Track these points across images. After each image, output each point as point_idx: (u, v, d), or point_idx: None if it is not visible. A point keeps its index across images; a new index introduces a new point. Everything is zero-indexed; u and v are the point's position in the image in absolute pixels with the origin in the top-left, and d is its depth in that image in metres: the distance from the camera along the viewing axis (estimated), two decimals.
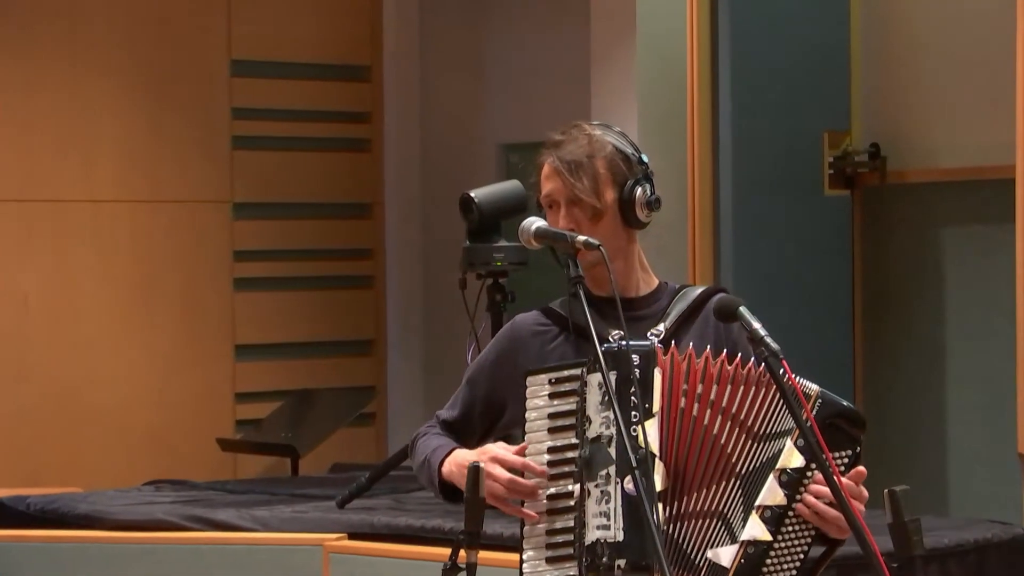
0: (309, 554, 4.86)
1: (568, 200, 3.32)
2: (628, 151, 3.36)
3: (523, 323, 3.41)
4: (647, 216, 3.35)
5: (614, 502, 3.09)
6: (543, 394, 3.20)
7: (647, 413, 3.13)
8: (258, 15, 7.66)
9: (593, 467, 3.11)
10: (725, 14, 5.81)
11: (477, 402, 3.43)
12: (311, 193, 7.80)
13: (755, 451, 3.15)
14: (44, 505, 5.53)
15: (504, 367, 3.38)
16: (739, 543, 3.12)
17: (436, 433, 3.43)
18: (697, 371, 3.16)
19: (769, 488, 3.12)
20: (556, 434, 3.19)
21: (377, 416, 7.91)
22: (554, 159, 3.33)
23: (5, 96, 7.12)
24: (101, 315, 7.29)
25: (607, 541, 3.09)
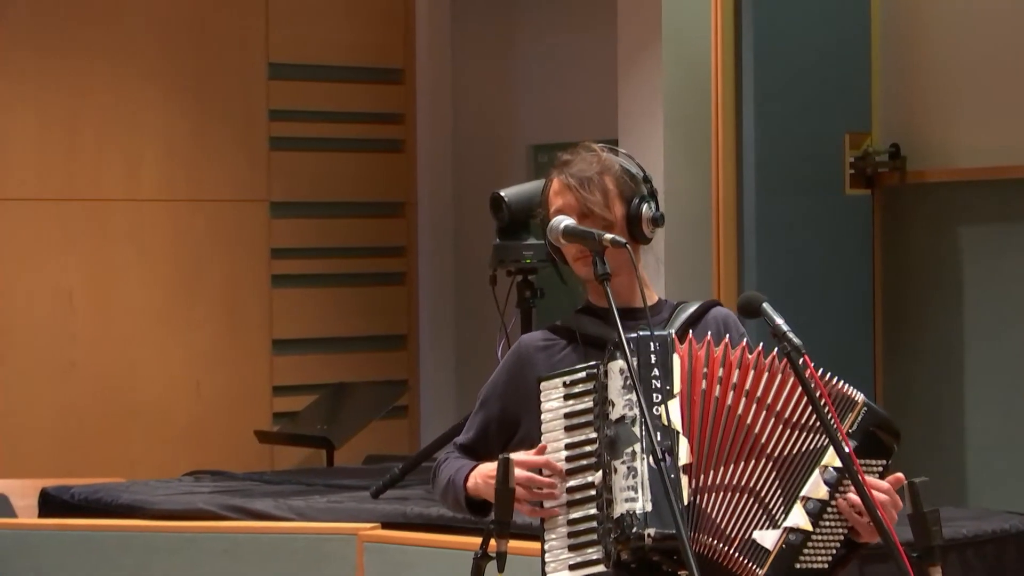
0: (344, 543, 4.87)
1: (580, 213, 3.35)
2: (634, 170, 3.41)
3: (529, 341, 3.45)
4: (652, 232, 3.39)
5: (641, 476, 3.12)
6: (557, 396, 3.24)
7: (668, 394, 3.17)
8: (294, 20, 7.67)
9: (619, 446, 3.14)
10: (748, 18, 5.80)
11: (492, 421, 3.46)
12: (346, 192, 7.81)
13: (793, 439, 3.18)
14: (88, 495, 5.55)
15: (515, 384, 3.42)
16: (782, 528, 3.14)
17: (456, 457, 3.45)
18: (716, 357, 3.20)
19: (814, 481, 3.15)
20: (572, 432, 3.22)
21: (410, 409, 7.92)
22: (565, 176, 3.38)
23: (51, 98, 7.14)
24: (143, 311, 7.31)
25: (636, 513, 3.11)
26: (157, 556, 5.08)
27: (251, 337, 7.56)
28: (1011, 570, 4.78)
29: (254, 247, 7.58)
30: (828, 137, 5.96)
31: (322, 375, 7.65)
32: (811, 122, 5.91)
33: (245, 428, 7.34)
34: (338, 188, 7.79)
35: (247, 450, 7.26)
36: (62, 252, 7.16)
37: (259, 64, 7.60)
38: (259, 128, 7.61)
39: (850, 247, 5.98)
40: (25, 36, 7.09)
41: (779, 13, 5.84)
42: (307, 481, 5.82)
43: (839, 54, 5.94)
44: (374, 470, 6.04)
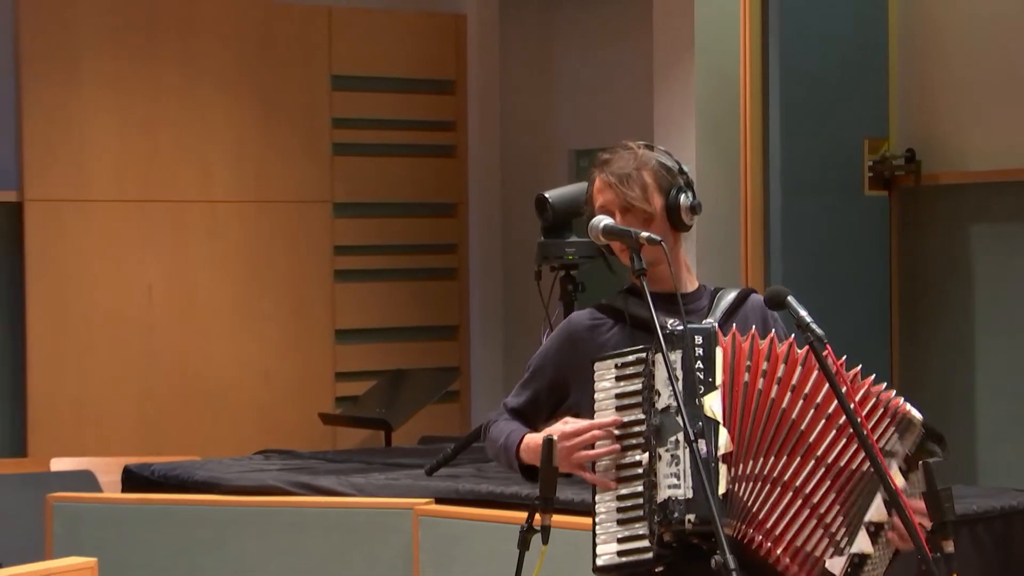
0: (401, 517, 4.88)
1: (621, 208, 3.33)
2: (669, 163, 3.38)
3: (578, 319, 3.43)
4: (691, 219, 3.36)
5: (683, 464, 3.11)
6: (609, 377, 3.22)
7: (711, 386, 3.15)
8: (355, 35, 7.69)
9: (663, 434, 3.13)
10: (775, 33, 5.80)
11: (542, 391, 3.44)
12: (403, 194, 7.82)
13: (839, 436, 3.13)
14: (166, 472, 5.57)
15: (566, 355, 3.40)
16: (847, 555, 3.11)
17: (506, 419, 3.45)
18: (760, 351, 3.17)
19: (876, 506, 3.12)
20: (623, 411, 3.21)
21: (461, 394, 7.93)
22: (605, 174, 3.36)
23: (131, 106, 7.17)
24: (216, 304, 7.34)
25: (678, 499, 3.11)
26: (229, 529, 5.10)
27: (316, 327, 7.58)
28: (1019, 543, 4.75)
29: (318, 244, 7.60)
30: (848, 142, 5.95)
31: (381, 362, 7.67)
32: (832, 128, 5.89)
33: (310, 411, 7.37)
34: (395, 190, 7.80)
35: (312, 431, 7.29)
36: (142, 250, 7.19)
37: (323, 75, 7.62)
38: (323, 134, 7.63)
39: (868, 245, 5.96)
40: (108, 49, 7.12)
41: (803, 27, 5.83)
42: (367, 460, 5.84)
43: (859, 65, 5.93)
44: (428, 450, 6.05)
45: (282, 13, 7.52)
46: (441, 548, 4.81)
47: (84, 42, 7.07)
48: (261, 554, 5.06)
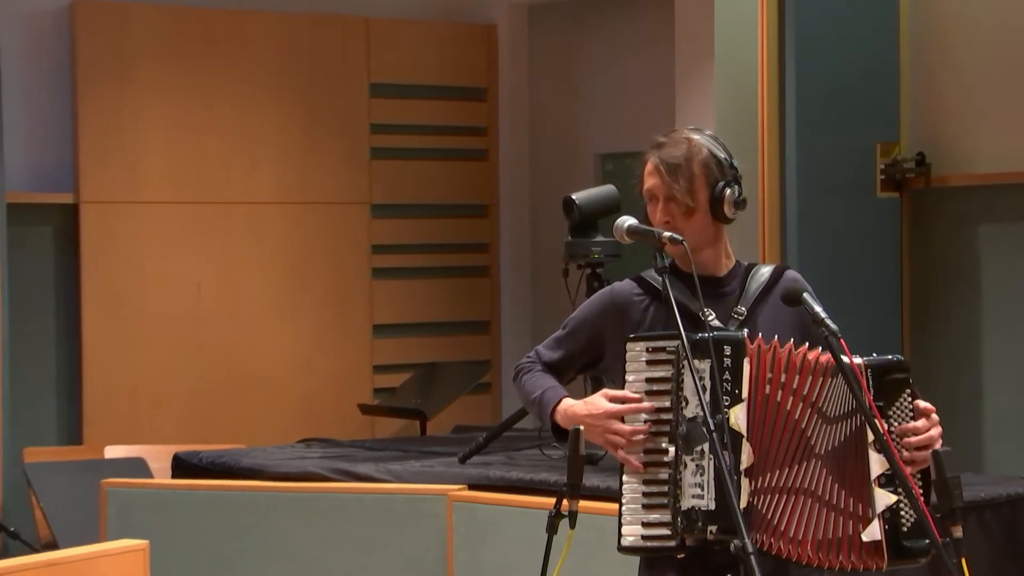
0: (435, 502, 4.88)
1: (666, 196, 3.30)
2: (721, 156, 3.33)
3: (621, 290, 3.38)
4: (734, 213, 3.32)
5: (707, 475, 3.08)
6: (641, 360, 3.18)
7: (736, 399, 3.11)
8: (392, 45, 7.69)
9: (690, 443, 3.09)
10: (791, 42, 5.78)
11: (578, 348, 3.42)
12: (437, 196, 7.83)
13: (830, 432, 3.12)
14: (214, 459, 5.57)
15: (606, 321, 3.36)
16: (877, 517, 3.09)
17: (540, 372, 3.43)
18: (781, 360, 3.13)
19: (874, 460, 3.09)
20: (653, 397, 3.18)
21: (492, 385, 7.94)
22: (656, 159, 3.31)
23: (181, 112, 7.19)
24: (261, 300, 7.35)
25: (701, 509, 3.08)
26: (273, 513, 5.11)
27: (354, 322, 7.59)
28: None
29: (357, 243, 7.61)
30: (861, 146, 5.93)
31: (416, 355, 7.68)
32: (846, 133, 5.88)
33: (350, 401, 7.38)
34: (430, 192, 7.80)
35: (351, 420, 7.30)
36: (192, 248, 7.21)
37: (362, 83, 7.63)
38: (362, 139, 7.64)
39: (881, 244, 5.94)
40: (160, 58, 7.14)
41: (818, 38, 5.82)
42: (403, 448, 5.84)
43: (871, 73, 5.91)
44: (461, 438, 6.05)
45: (324, 25, 7.53)
46: (473, 532, 4.81)
47: (137, 51, 7.09)
48: (303, 537, 5.06)
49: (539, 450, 5.30)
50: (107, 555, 3.71)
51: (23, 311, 6.70)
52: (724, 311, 3.28)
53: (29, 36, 6.90)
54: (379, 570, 4.95)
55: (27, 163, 6.87)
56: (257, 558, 5.11)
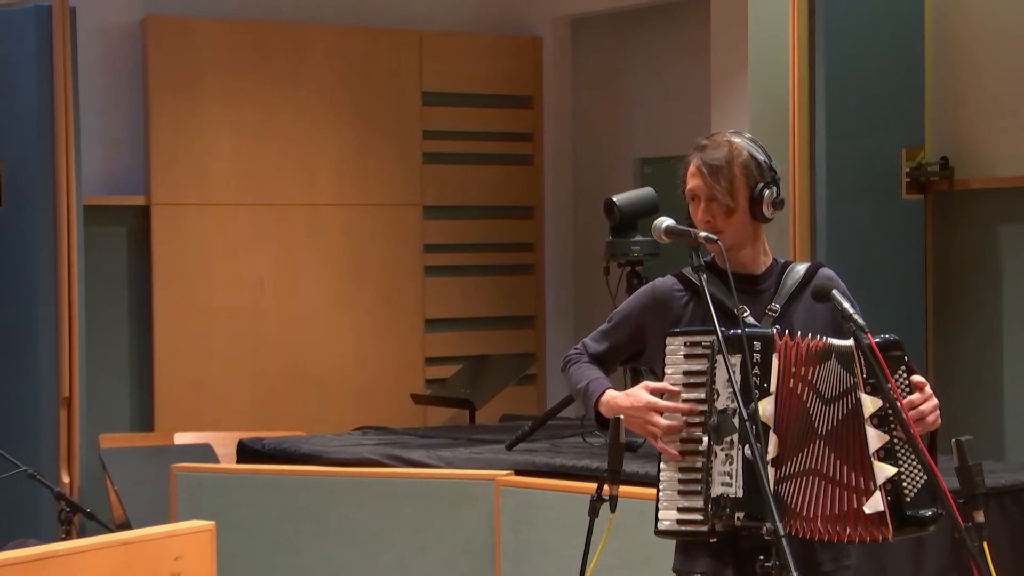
0: (483, 487, 4.89)
1: (707, 197, 3.28)
2: (761, 158, 3.30)
3: (663, 286, 3.37)
4: (772, 213, 3.30)
5: (736, 464, 3.07)
6: (680, 354, 3.18)
7: (765, 392, 3.11)
8: (443, 56, 7.71)
9: (721, 433, 3.09)
10: (821, 52, 5.76)
11: (623, 341, 3.42)
12: (485, 198, 7.83)
13: (828, 413, 3.11)
14: (276, 445, 5.60)
15: (648, 315, 3.35)
16: (878, 488, 3.08)
17: (587, 363, 3.43)
18: (801, 355, 3.12)
19: (872, 435, 3.08)
20: (689, 389, 3.17)
21: (537, 377, 7.94)
22: (699, 161, 3.29)
23: (245, 120, 7.22)
24: (319, 296, 7.38)
25: (729, 496, 3.08)
26: (330, 496, 5.13)
27: (407, 317, 7.61)
28: None
29: (409, 243, 7.63)
30: (887, 151, 5.90)
31: (465, 348, 7.69)
32: (873, 138, 5.85)
33: (403, 391, 7.39)
34: (478, 194, 7.81)
35: (404, 409, 7.31)
36: (254, 247, 7.24)
37: (415, 92, 7.64)
38: (414, 145, 7.65)
39: (906, 243, 5.91)
40: (225, 69, 7.17)
41: (846, 49, 5.80)
42: (453, 435, 5.85)
43: (897, 82, 5.88)
44: (508, 427, 6.06)
45: (378, 37, 7.55)
46: (519, 515, 4.81)
47: (204, 63, 7.13)
48: (358, 519, 5.08)
49: (581, 438, 5.30)
50: (176, 535, 3.73)
51: (98, 306, 6.74)
52: (760, 307, 3.27)
53: (104, 49, 6.95)
54: (430, 550, 4.96)
55: (102, 168, 6.91)
56: (315, 538, 5.12)
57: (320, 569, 5.10)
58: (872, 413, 3.08)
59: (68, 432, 6.29)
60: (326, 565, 5.10)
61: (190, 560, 3.68)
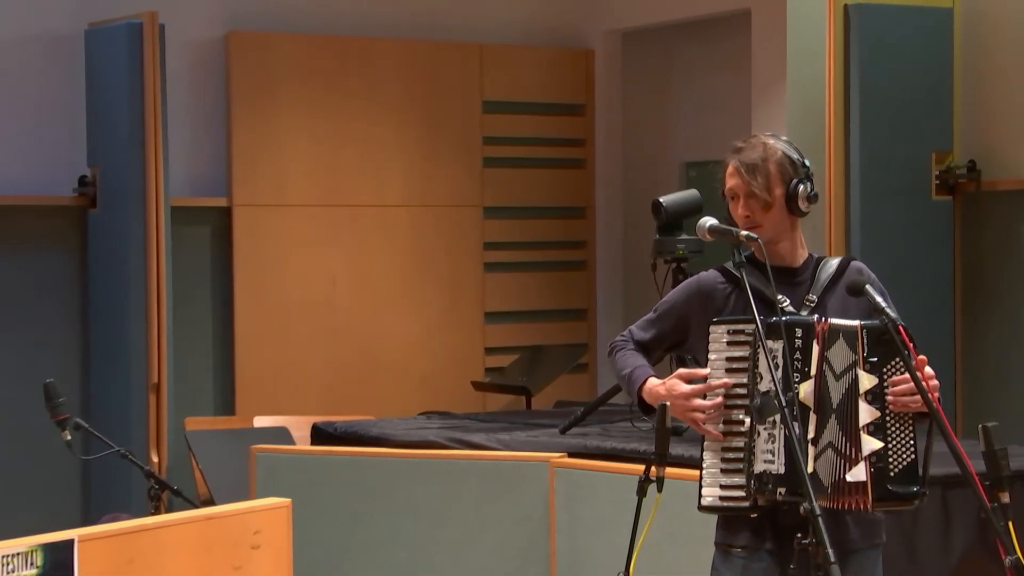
0: (539, 468, 4.89)
1: (746, 194, 3.28)
2: (794, 156, 3.30)
3: (707, 279, 3.37)
4: (807, 207, 3.29)
5: (778, 443, 3.07)
6: (723, 341, 3.18)
7: (806, 375, 3.10)
8: (503, 67, 7.71)
9: (763, 413, 3.09)
10: (855, 61, 5.72)
11: (667, 330, 3.41)
12: (541, 199, 7.83)
13: (837, 388, 3.11)
14: (347, 428, 5.62)
15: (692, 306, 3.35)
16: (864, 459, 3.07)
17: (632, 351, 3.41)
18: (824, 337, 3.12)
19: (864, 410, 3.08)
20: (731, 374, 3.17)
21: (589, 366, 7.92)
22: (736, 161, 3.29)
23: (320, 126, 7.25)
24: (388, 290, 7.40)
25: (771, 473, 3.07)
26: (397, 476, 5.14)
27: (468, 310, 7.61)
28: None
29: (471, 241, 7.63)
30: (918, 155, 5.85)
31: (522, 339, 7.69)
32: (904, 143, 5.81)
33: (464, 379, 7.40)
34: (535, 196, 7.81)
35: (466, 396, 7.32)
36: (328, 245, 7.27)
37: (475, 101, 7.64)
38: (475, 150, 7.65)
39: (935, 243, 5.86)
40: (301, 79, 7.21)
41: (879, 59, 5.75)
42: (511, 420, 5.85)
43: (927, 90, 5.84)
44: (562, 412, 6.05)
45: (443, 50, 7.56)
46: (572, 494, 4.81)
47: (281, 74, 7.16)
48: (422, 497, 5.09)
49: (630, 423, 5.29)
50: (255, 511, 3.75)
51: (184, 300, 6.79)
52: (797, 298, 3.26)
53: (190, 62, 7.00)
54: (489, 527, 4.97)
55: (188, 172, 6.96)
56: (383, 515, 5.14)
57: (387, 543, 5.12)
58: (867, 389, 3.08)
59: (157, 416, 6.34)
60: (393, 540, 5.11)
61: (268, 534, 3.71)
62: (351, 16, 7.39)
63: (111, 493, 6.26)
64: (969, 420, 5.69)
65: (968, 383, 5.82)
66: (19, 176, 6.62)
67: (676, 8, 7.61)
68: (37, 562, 3.17)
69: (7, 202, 6.54)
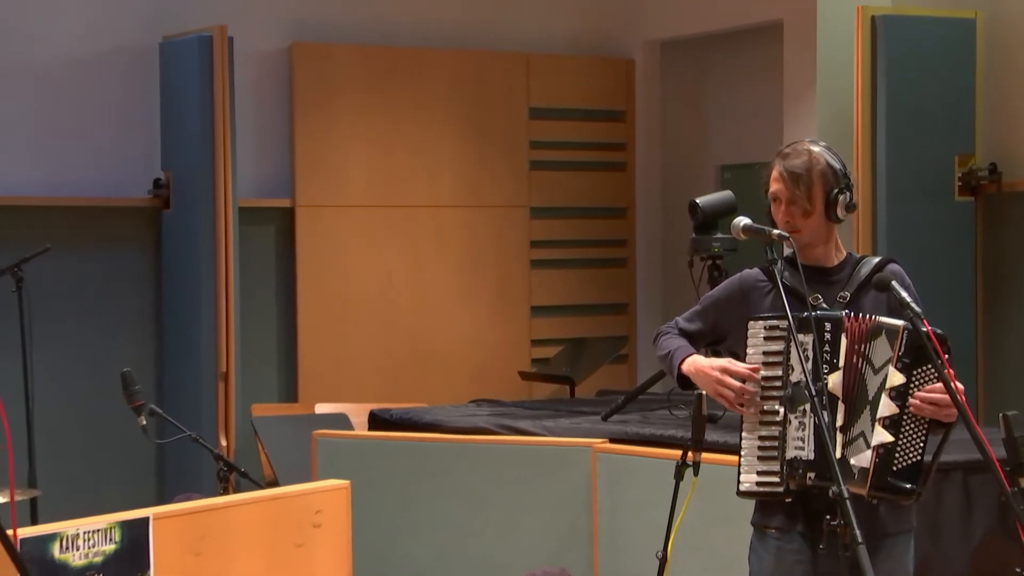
0: (582, 453, 4.89)
1: (788, 200, 3.28)
2: (836, 166, 3.30)
3: (749, 277, 3.37)
4: (844, 215, 3.29)
5: (808, 431, 3.07)
6: (760, 336, 3.18)
7: (834, 367, 3.09)
8: (548, 75, 7.70)
9: (795, 402, 3.09)
10: (882, 69, 5.69)
11: (709, 325, 3.41)
12: (584, 200, 7.82)
13: (875, 382, 3.10)
14: (402, 415, 5.63)
15: (733, 306, 3.35)
16: (871, 448, 3.06)
17: (675, 335, 3.41)
18: (864, 333, 3.11)
19: (884, 403, 3.06)
20: (768, 368, 3.17)
21: (629, 357, 7.91)
22: (781, 167, 3.30)
23: (376, 132, 7.27)
24: (440, 285, 7.41)
25: (802, 458, 3.07)
26: (449, 459, 5.15)
27: (516, 304, 7.61)
28: None
29: (518, 239, 7.63)
30: (941, 158, 5.81)
31: (566, 331, 7.68)
32: (929, 147, 5.77)
33: (512, 369, 7.40)
34: (578, 197, 7.80)
35: (513, 385, 7.32)
36: (385, 243, 7.29)
37: (522, 108, 7.64)
38: (522, 154, 7.65)
39: (958, 241, 5.82)
40: (359, 87, 7.23)
41: (904, 68, 5.72)
42: (555, 407, 5.85)
43: (950, 96, 5.79)
44: (604, 400, 6.05)
45: (491, 59, 7.56)
46: (613, 477, 4.81)
47: (341, 83, 7.19)
48: (473, 479, 5.10)
49: (668, 411, 5.28)
50: (317, 492, 3.78)
51: (251, 294, 6.83)
52: (831, 296, 3.26)
53: (257, 71, 7.04)
54: (535, 508, 4.97)
55: (254, 175, 7.00)
56: (436, 496, 5.15)
57: (439, 522, 5.13)
58: (893, 386, 3.06)
59: (225, 402, 6.38)
60: (444, 519, 5.13)
61: (328, 513, 3.73)
62: (406, 28, 7.40)
63: (183, 474, 6.31)
64: (990, 409, 5.64)
65: (989, 374, 5.78)
66: (99, 179, 6.69)
67: (712, 20, 7.58)
68: (116, 538, 3.20)
69: (88, 203, 6.61)
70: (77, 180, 6.62)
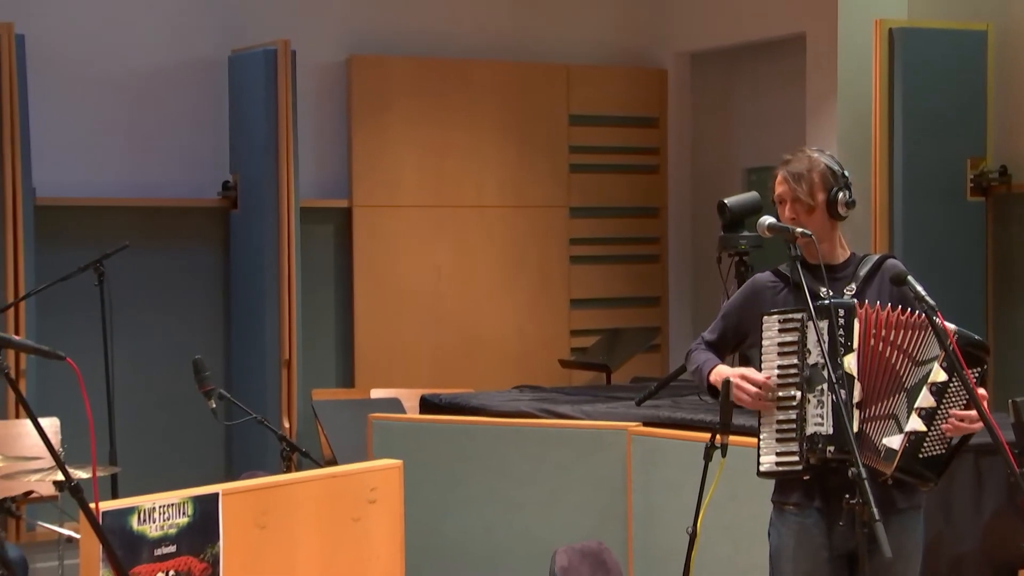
0: (618, 435, 4.89)
1: (792, 198, 3.29)
2: (835, 168, 3.32)
3: (761, 279, 3.39)
4: (846, 212, 3.30)
5: (826, 407, 3.07)
6: (774, 329, 3.19)
7: (849, 348, 3.10)
8: (586, 84, 7.69)
9: (813, 383, 3.10)
10: (899, 77, 5.65)
11: (729, 330, 3.43)
12: (620, 200, 7.80)
13: (915, 371, 3.08)
14: (451, 400, 5.63)
15: (748, 308, 3.37)
16: (904, 433, 3.06)
17: (703, 349, 3.44)
18: (882, 320, 3.11)
19: (924, 395, 3.06)
20: (783, 357, 3.17)
21: (661, 346, 7.89)
22: (784, 171, 3.33)
23: (427, 137, 7.28)
24: (487, 280, 7.42)
25: (821, 433, 3.07)
26: (494, 441, 5.16)
27: (556, 297, 7.61)
28: None
29: (558, 237, 7.63)
30: (954, 161, 5.77)
31: (603, 322, 7.67)
32: (943, 151, 5.72)
33: (552, 357, 7.40)
34: (614, 197, 7.78)
35: (553, 372, 7.32)
36: (435, 240, 7.30)
37: (562, 114, 7.63)
38: (562, 157, 7.65)
39: (969, 239, 5.77)
40: (412, 96, 7.24)
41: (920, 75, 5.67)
42: (593, 393, 5.84)
43: (963, 103, 5.74)
44: (638, 387, 6.03)
45: (533, 70, 7.56)
46: (647, 458, 4.80)
47: (395, 92, 7.21)
48: (516, 460, 5.10)
49: (698, 396, 5.27)
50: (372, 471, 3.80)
51: (312, 288, 6.87)
52: (839, 290, 3.27)
53: (318, 82, 7.07)
54: (574, 487, 4.97)
55: (315, 177, 7.03)
56: (482, 475, 5.16)
57: (484, 500, 5.14)
58: (935, 382, 3.05)
59: (288, 388, 6.42)
60: (489, 497, 5.13)
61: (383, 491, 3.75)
62: (455, 41, 7.41)
63: (249, 454, 6.36)
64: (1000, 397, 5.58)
65: (999, 364, 5.72)
66: (172, 182, 6.74)
67: (739, 33, 7.55)
68: (188, 511, 3.23)
69: (163, 204, 6.67)
70: (153, 182, 6.68)
